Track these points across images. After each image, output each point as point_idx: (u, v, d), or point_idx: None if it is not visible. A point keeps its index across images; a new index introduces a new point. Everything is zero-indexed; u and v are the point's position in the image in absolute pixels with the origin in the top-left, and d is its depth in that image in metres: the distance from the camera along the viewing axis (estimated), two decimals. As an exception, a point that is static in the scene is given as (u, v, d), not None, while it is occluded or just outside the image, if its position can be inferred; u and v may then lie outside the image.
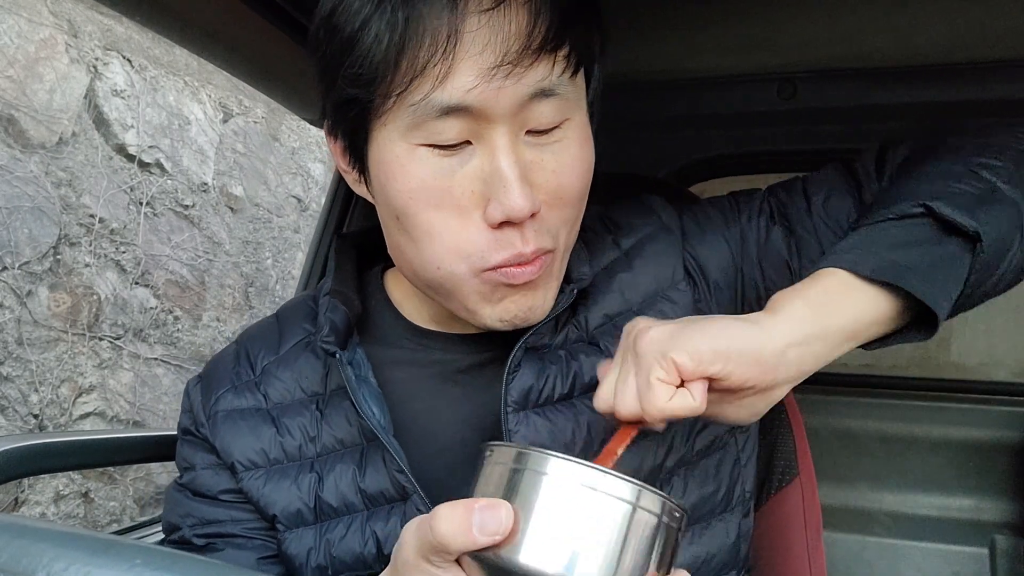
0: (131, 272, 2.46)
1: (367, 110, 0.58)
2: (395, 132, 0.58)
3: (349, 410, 0.68)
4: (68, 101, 2.26)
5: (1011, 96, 1.07)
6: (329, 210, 1.26)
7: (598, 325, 0.70)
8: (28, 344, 2.12)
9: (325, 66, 0.60)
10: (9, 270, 2.07)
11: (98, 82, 2.37)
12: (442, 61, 0.54)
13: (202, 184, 2.77)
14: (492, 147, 0.57)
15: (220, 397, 0.72)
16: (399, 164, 0.58)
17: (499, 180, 0.57)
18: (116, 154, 2.43)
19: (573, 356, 0.67)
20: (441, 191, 0.58)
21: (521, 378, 0.65)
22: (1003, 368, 1.67)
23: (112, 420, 2.38)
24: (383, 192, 0.61)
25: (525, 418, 0.65)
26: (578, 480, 0.43)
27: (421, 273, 0.63)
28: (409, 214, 0.59)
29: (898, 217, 0.58)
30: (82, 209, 2.29)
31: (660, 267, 0.72)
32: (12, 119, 2.09)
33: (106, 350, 2.37)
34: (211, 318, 2.80)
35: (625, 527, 0.43)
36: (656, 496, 0.44)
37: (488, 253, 0.59)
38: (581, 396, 0.67)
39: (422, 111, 0.55)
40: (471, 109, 0.55)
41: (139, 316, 2.48)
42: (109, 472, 2.35)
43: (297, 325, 0.75)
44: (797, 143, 1.32)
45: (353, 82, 0.57)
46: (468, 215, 0.58)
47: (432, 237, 0.59)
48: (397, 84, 0.55)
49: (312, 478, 0.68)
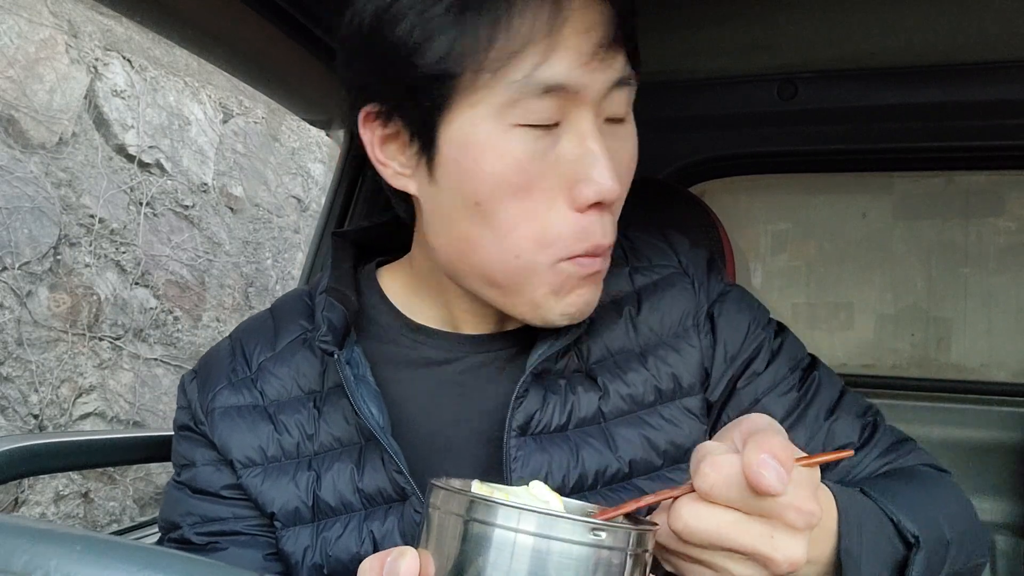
0: (131, 272, 2.46)
1: (452, 89, 0.56)
2: (487, 111, 0.56)
3: (347, 408, 0.67)
4: (68, 101, 2.26)
5: (1011, 96, 1.07)
6: (329, 210, 1.26)
7: (598, 359, 0.69)
8: (28, 344, 2.12)
9: (391, 45, 0.57)
10: (9, 270, 2.07)
11: (98, 82, 2.37)
12: (546, 39, 0.54)
13: (202, 184, 2.77)
14: (580, 130, 0.57)
15: (217, 394, 0.71)
16: (491, 144, 0.57)
17: (591, 161, 0.57)
18: (116, 154, 2.44)
19: (572, 388, 0.67)
20: (533, 174, 0.57)
21: (528, 404, 0.65)
22: (1003, 369, 1.67)
23: (112, 420, 2.38)
24: (465, 176, 0.58)
25: (524, 444, 0.64)
26: (531, 528, 0.39)
27: (494, 265, 0.60)
28: (496, 198, 0.58)
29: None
30: (82, 209, 2.29)
31: (671, 312, 0.71)
32: (12, 119, 2.09)
33: (106, 350, 2.37)
34: (211, 318, 2.80)
35: (588, 571, 0.39)
36: (621, 531, 0.40)
37: (571, 242, 0.59)
38: (575, 429, 0.66)
39: (522, 89, 0.55)
40: (568, 89, 0.56)
41: (139, 316, 2.48)
42: (109, 472, 2.35)
43: (293, 322, 0.74)
44: (798, 144, 1.32)
45: (441, 59, 0.55)
46: (554, 201, 0.58)
47: (517, 225, 0.58)
48: (494, 60, 0.54)
49: (310, 476, 0.67)
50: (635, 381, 0.67)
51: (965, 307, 1.60)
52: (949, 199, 1.57)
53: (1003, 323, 1.58)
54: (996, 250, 1.57)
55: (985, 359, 1.66)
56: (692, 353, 0.69)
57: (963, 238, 1.57)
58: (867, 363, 1.75)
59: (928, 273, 1.60)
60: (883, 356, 1.69)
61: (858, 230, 1.59)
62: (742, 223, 1.66)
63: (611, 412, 0.67)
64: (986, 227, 1.57)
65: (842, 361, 1.65)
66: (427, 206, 0.63)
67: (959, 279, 1.59)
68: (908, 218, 1.60)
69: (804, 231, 1.65)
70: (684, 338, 0.70)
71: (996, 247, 1.57)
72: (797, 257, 1.65)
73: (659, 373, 0.68)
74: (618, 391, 0.67)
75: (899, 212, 1.59)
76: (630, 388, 0.67)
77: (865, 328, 1.66)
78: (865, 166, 1.44)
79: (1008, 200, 1.55)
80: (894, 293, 1.61)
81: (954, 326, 1.63)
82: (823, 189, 1.62)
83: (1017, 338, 1.58)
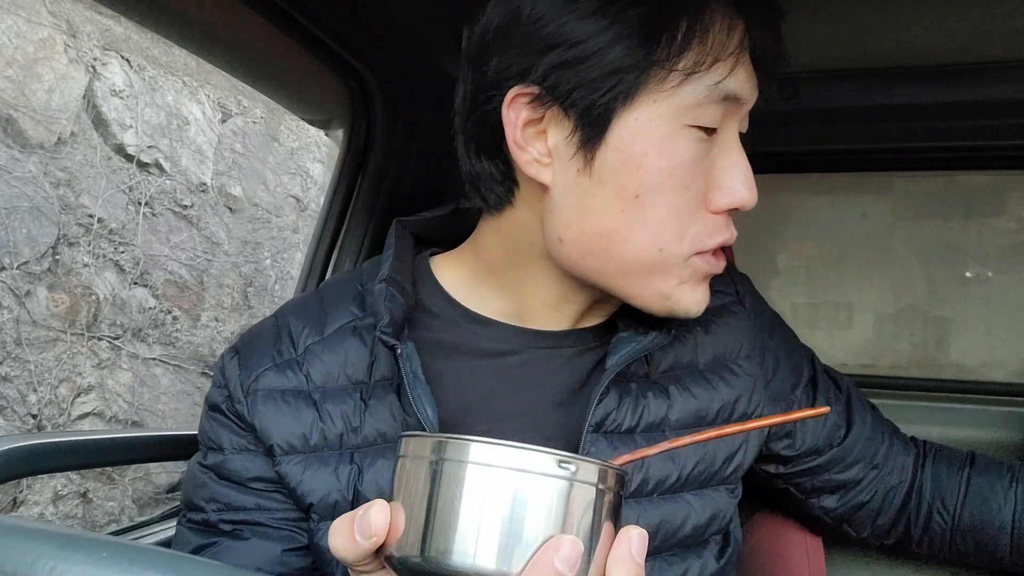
0: (130, 272, 2.46)
1: (639, 84, 0.58)
2: (668, 110, 0.58)
3: (394, 404, 0.66)
4: (67, 101, 2.25)
5: (1012, 96, 1.07)
6: (328, 210, 1.25)
7: (666, 369, 0.72)
8: (27, 344, 2.12)
9: (576, 34, 0.58)
10: (8, 270, 2.06)
11: (97, 82, 2.37)
12: (735, 53, 0.59)
13: (201, 184, 2.77)
14: (729, 139, 0.62)
15: (261, 375, 0.68)
16: (665, 141, 0.59)
17: (737, 170, 0.62)
18: (115, 154, 2.43)
19: (642, 393, 0.69)
20: (692, 174, 0.60)
21: (607, 402, 0.66)
22: (1003, 369, 1.67)
23: (111, 420, 2.38)
24: (629, 169, 0.59)
25: (597, 440, 0.65)
26: (503, 462, 0.39)
27: (635, 257, 0.62)
28: (657, 191, 0.60)
29: None
30: (81, 209, 2.29)
31: (729, 338, 0.75)
32: (11, 119, 2.09)
33: (105, 350, 2.37)
34: (210, 318, 2.79)
35: (560, 505, 0.39)
36: (591, 464, 0.40)
37: (706, 239, 0.63)
38: (642, 433, 0.68)
39: (707, 94, 0.58)
40: (739, 101, 0.61)
41: (138, 316, 2.48)
42: (108, 472, 2.35)
43: (343, 307, 0.71)
44: (798, 143, 1.32)
45: (635, 54, 0.57)
46: (701, 200, 0.62)
47: (669, 220, 0.61)
48: (692, 64, 0.57)
49: (352, 470, 0.65)
50: (701, 396, 0.71)
51: (965, 307, 1.60)
52: (949, 199, 1.57)
53: (1003, 323, 1.58)
54: (996, 250, 1.57)
55: (985, 359, 1.66)
56: (747, 381, 0.74)
57: (963, 238, 1.57)
58: (867, 363, 1.74)
59: (928, 273, 1.60)
60: (883, 356, 1.69)
61: (858, 230, 1.59)
62: (742, 222, 1.66)
63: (676, 423, 0.69)
64: (986, 227, 1.57)
65: (842, 361, 1.65)
66: (565, 198, 0.62)
67: (959, 279, 1.59)
68: (908, 218, 1.60)
69: (804, 231, 1.64)
70: (739, 366, 0.75)
71: (996, 247, 1.57)
72: (797, 257, 1.65)
73: (719, 394, 0.72)
74: (685, 404, 0.70)
75: (899, 212, 1.59)
76: (697, 402, 0.70)
77: (865, 328, 1.66)
78: (865, 166, 1.43)
79: (1008, 200, 1.55)
80: (894, 293, 1.62)
81: (954, 326, 1.63)
82: (823, 189, 1.62)
83: (1017, 338, 1.58)
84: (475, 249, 0.72)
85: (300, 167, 3.35)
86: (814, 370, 0.84)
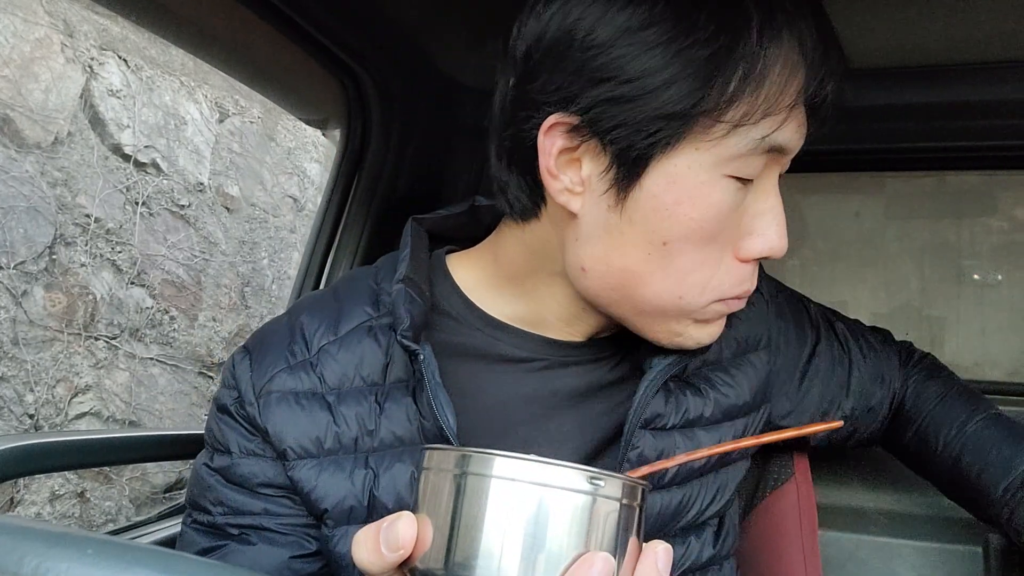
0: (127, 272, 2.46)
1: (683, 131, 0.55)
2: (709, 159, 0.56)
3: (410, 407, 0.64)
4: (64, 101, 2.26)
5: (1004, 96, 1.08)
6: (325, 210, 1.26)
7: (697, 367, 0.73)
8: (24, 344, 2.12)
9: (627, 72, 0.55)
10: (4, 270, 2.06)
11: (94, 82, 2.37)
12: (793, 104, 0.56)
13: (198, 184, 2.77)
14: (767, 185, 0.60)
15: (275, 376, 0.66)
16: (700, 191, 0.56)
17: (772, 219, 0.60)
18: (112, 154, 2.43)
19: (681, 392, 0.70)
20: (726, 223, 0.58)
21: (656, 400, 0.67)
22: (997, 368, 1.68)
23: (108, 420, 2.38)
24: (660, 215, 0.57)
25: (643, 436, 0.66)
26: (527, 477, 0.39)
27: (653, 301, 0.61)
28: (685, 241, 0.58)
29: None
30: (78, 209, 2.29)
31: (749, 329, 0.77)
32: (7, 119, 2.09)
33: (102, 350, 2.37)
34: (207, 318, 2.80)
35: (584, 520, 0.39)
36: (615, 480, 0.40)
37: (728, 288, 0.61)
38: (680, 430, 0.69)
39: (752, 146, 0.56)
40: (784, 151, 0.59)
41: (135, 316, 2.48)
42: (105, 472, 2.35)
43: (358, 307, 0.69)
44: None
45: (685, 100, 0.54)
46: (727, 249, 0.60)
47: (693, 270, 0.59)
48: (740, 115, 0.55)
49: (367, 474, 0.64)
50: (729, 392, 0.72)
51: (959, 306, 1.61)
52: (941, 199, 1.57)
53: (997, 322, 1.59)
54: (989, 249, 1.58)
55: (979, 358, 1.67)
56: (764, 370, 0.76)
57: (956, 238, 1.58)
58: (861, 362, 1.75)
59: (921, 272, 1.61)
60: (877, 355, 1.69)
61: (851, 229, 1.60)
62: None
63: (708, 419, 0.71)
64: (979, 227, 1.57)
65: (836, 360, 1.66)
66: (593, 230, 0.60)
67: (953, 278, 1.60)
68: (901, 218, 1.61)
69: (797, 230, 1.65)
70: (759, 356, 0.77)
71: (989, 247, 1.58)
72: (791, 256, 1.65)
73: (743, 388, 0.74)
74: (717, 400, 0.71)
75: (892, 212, 1.60)
76: (726, 399, 0.72)
77: (859, 327, 1.66)
78: (858, 166, 1.44)
79: (1000, 200, 1.56)
80: (887, 292, 1.62)
81: (947, 325, 1.64)
82: (816, 189, 1.62)
83: (1010, 337, 1.59)
84: (494, 252, 0.70)
85: (297, 167, 3.35)
86: (818, 337, 0.85)
